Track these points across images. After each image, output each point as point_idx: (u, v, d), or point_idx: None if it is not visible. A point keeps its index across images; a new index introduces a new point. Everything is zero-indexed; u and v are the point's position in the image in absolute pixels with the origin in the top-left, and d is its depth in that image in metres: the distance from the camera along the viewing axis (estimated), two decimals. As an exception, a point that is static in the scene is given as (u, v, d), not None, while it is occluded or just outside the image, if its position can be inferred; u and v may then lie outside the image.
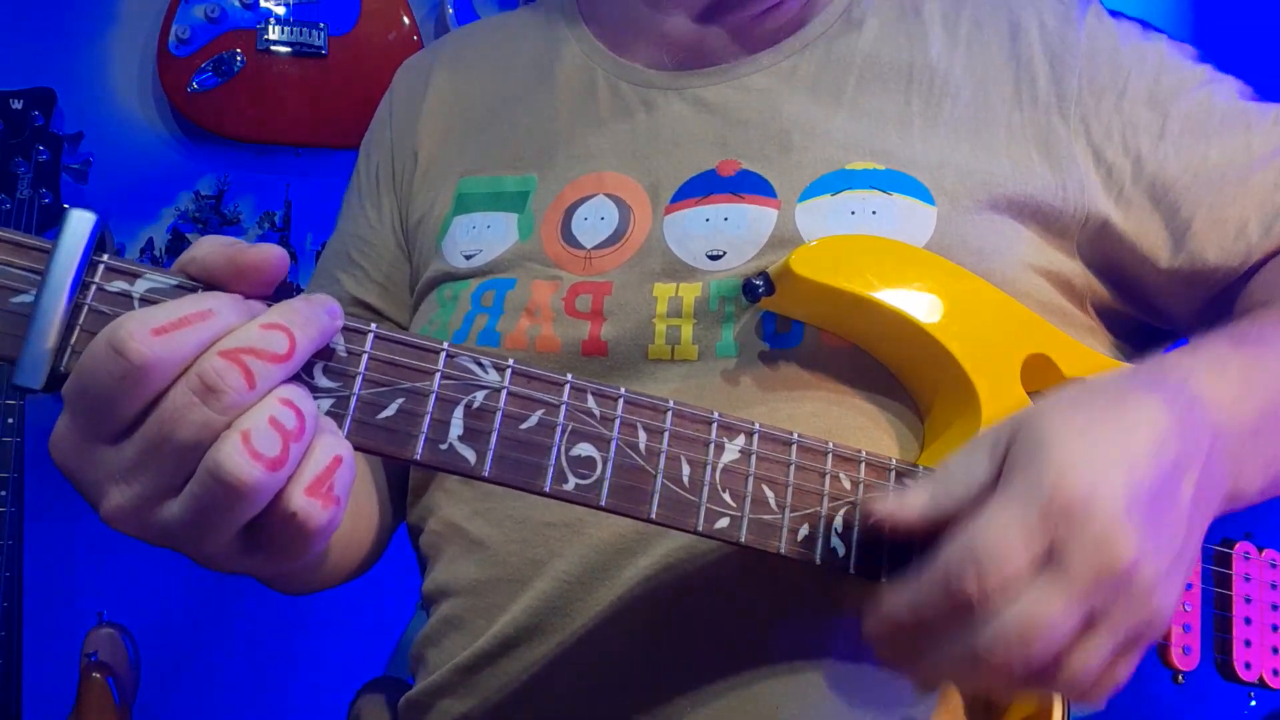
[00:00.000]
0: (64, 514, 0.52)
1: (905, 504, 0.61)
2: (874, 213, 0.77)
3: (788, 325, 0.75)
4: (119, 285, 0.50)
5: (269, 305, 0.51)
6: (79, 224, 0.49)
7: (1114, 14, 0.87)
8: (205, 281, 0.51)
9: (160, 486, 0.48)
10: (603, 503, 0.58)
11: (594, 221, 0.83)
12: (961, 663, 0.57)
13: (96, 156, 2.04)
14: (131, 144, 2.26)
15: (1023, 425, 0.60)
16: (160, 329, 0.47)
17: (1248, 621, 0.77)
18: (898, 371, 0.75)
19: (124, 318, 0.47)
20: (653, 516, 0.59)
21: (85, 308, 0.50)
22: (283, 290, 0.53)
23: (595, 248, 0.82)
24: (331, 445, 0.50)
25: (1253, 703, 0.78)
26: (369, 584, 1.00)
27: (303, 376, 0.52)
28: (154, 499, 0.49)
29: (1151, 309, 0.86)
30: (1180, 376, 0.65)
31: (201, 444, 0.47)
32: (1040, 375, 0.74)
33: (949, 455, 0.64)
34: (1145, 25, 0.88)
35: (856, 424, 0.74)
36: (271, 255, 0.51)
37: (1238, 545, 0.79)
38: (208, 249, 0.51)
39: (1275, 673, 0.77)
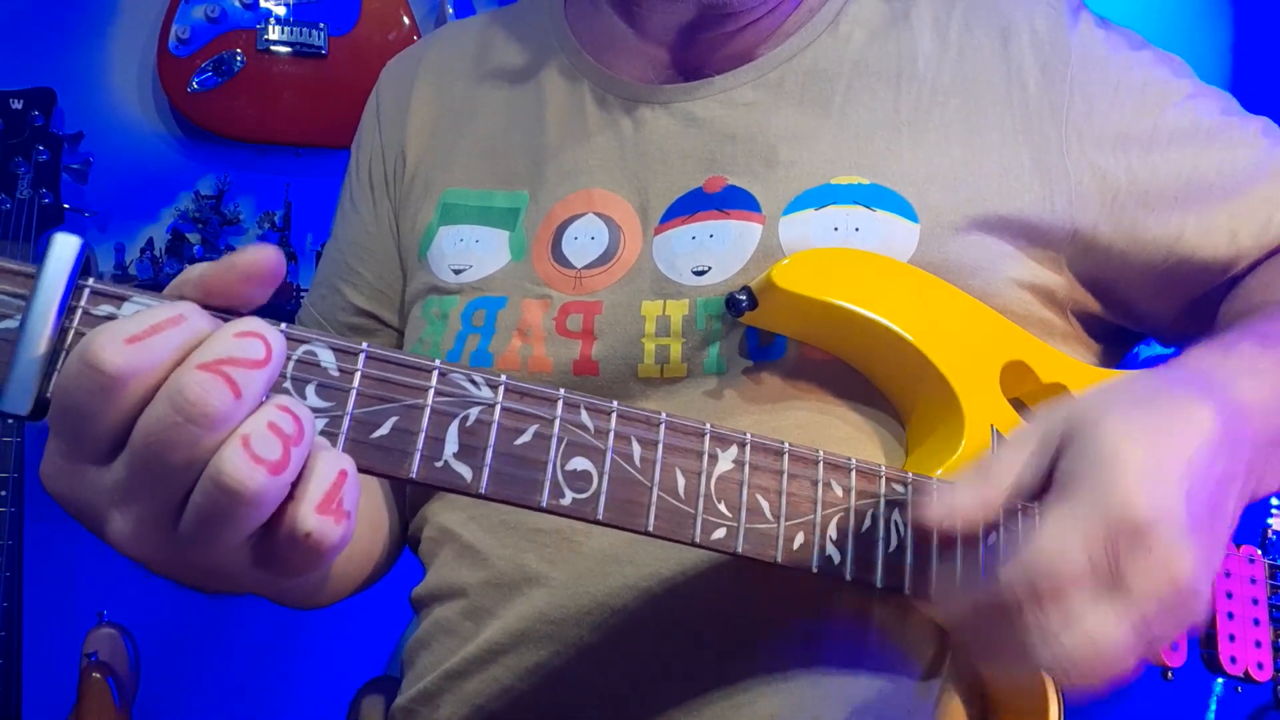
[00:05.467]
0: (64, 514, 0.52)
1: (955, 509, 0.62)
2: (857, 229, 0.77)
3: (770, 339, 0.76)
4: (105, 309, 0.49)
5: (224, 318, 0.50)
6: (63, 248, 0.48)
7: (1103, 24, 0.87)
8: (201, 301, 0.50)
9: (159, 505, 0.47)
10: (600, 516, 0.58)
11: (584, 241, 0.82)
12: (1024, 665, 0.58)
13: (96, 156, 2.05)
14: (131, 144, 2.26)
15: (1078, 428, 0.60)
16: (133, 338, 0.46)
17: (1230, 617, 0.79)
18: (879, 381, 0.76)
19: (95, 331, 0.46)
20: (650, 529, 0.59)
21: (71, 332, 0.48)
22: (283, 290, 0.52)
23: (585, 267, 0.82)
24: (335, 460, 0.49)
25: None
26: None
27: (295, 396, 0.51)
28: (155, 519, 0.48)
29: (1133, 314, 0.87)
30: (1223, 382, 0.66)
31: (194, 461, 0.46)
32: (1019, 381, 0.76)
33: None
34: (1134, 37, 0.88)
35: (842, 433, 0.75)
36: (266, 255, 0.50)
37: None
38: (201, 269, 0.50)
39: (1260, 666, 0.78)
